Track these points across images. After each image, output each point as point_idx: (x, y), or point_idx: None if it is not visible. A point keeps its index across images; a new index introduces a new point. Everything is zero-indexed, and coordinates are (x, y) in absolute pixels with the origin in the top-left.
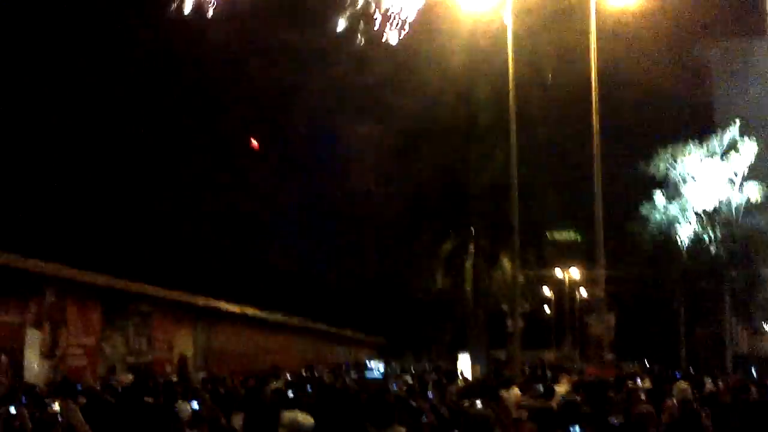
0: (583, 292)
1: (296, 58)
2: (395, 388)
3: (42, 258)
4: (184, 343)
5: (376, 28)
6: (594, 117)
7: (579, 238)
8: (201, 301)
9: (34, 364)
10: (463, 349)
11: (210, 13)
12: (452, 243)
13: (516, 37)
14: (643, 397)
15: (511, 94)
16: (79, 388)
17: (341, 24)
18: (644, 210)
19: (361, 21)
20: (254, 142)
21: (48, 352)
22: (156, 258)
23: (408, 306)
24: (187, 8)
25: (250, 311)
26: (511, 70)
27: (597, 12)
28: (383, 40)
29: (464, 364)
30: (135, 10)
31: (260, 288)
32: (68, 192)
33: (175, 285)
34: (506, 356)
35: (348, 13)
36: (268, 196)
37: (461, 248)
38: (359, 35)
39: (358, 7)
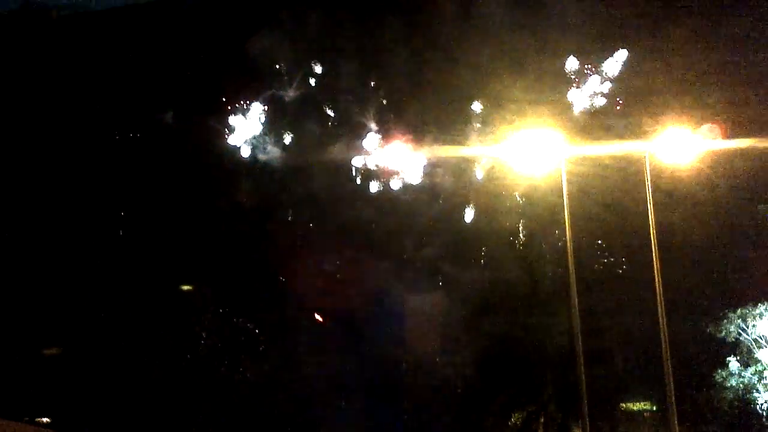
0: None
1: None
2: None
3: None
4: None
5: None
6: (656, 281)
7: (654, 407)
8: None
9: None
10: None
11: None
12: (522, 413)
13: (572, 201)
14: None
15: (570, 256)
16: None
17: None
18: (718, 377)
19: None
20: (317, 317)
21: None
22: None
23: None
24: None
25: None
26: (569, 234)
27: (652, 171)
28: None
29: None
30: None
31: None
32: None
33: None
34: None
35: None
36: (328, 369)
37: (533, 417)
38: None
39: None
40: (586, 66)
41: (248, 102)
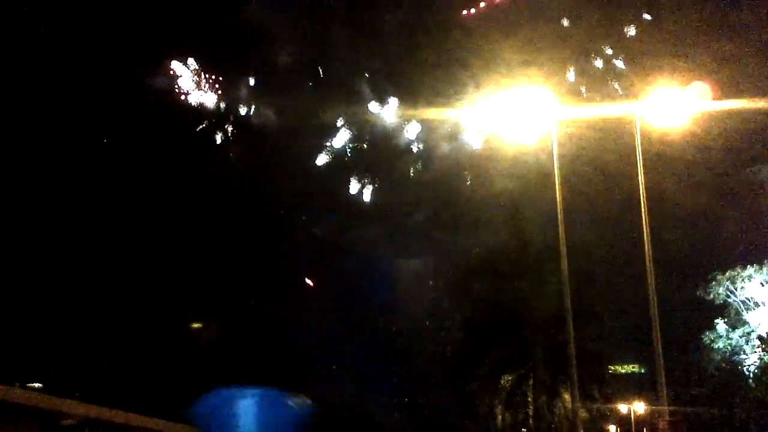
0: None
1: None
2: None
3: None
4: None
5: None
6: (646, 243)
7: (642, 369)
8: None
9: None
10: None
11: None
12: (512, 376)
13: (562, 163)
14: None
15: (560, 219)
16: None
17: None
18: (706, 339)
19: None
20: (308, 281)
21: None
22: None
23: None
24: None
25: None
26: (559, 197)
27: (642, 134)
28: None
29: None
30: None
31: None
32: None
33: None
34: None
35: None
36: (320, 332)
37: (522, 381)
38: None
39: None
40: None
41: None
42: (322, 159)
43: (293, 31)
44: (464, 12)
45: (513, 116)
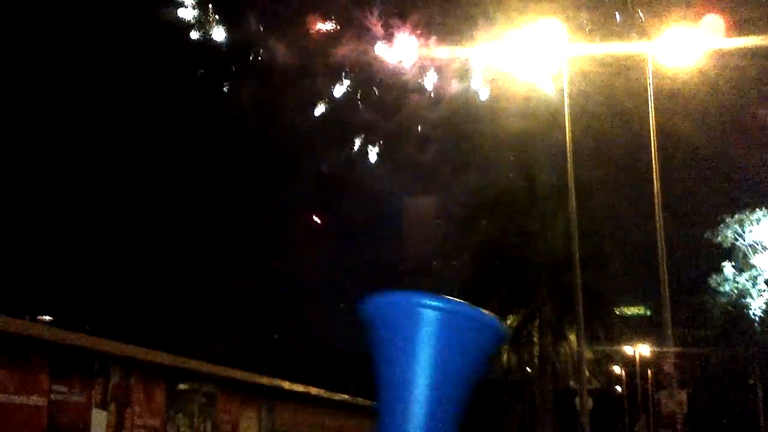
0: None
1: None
2: None
3: (106, 336)
4: (249, 424)
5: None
6: (655, 183)
7: (648, 312)
8: (266, 381)
9: None
10: (533, 429)
11: None
12: (517, 316)
13: (572, 102)
14: None
15: (569, 158)
16: None
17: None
18: (713, 282)
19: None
20: (315, 218)
21: None
22: (215, 334)
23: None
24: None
25: (314, 391)
26: (568, 136)
27: (654, 73)
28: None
29: None
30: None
31: (323, 368)
32: (126, 269)
33: (236, 364)
34: None
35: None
36: (329, 271)
37: (527, 321)
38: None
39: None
40: None
41: None
42: (319, 110)
43: None
44: None
45: (523, 54)
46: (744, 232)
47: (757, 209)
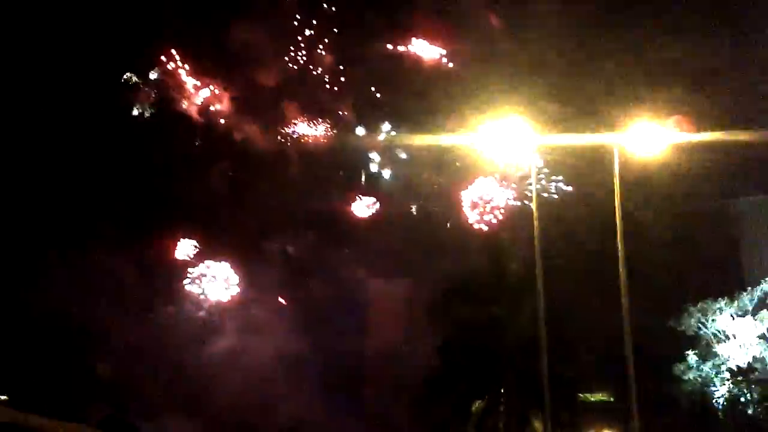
0: None
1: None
2: None
3: None
4: None
5: None
6: (621, 270)
7: (612, 399)
8: None
9: None
10: None
11: None
12: (483, 402)
13: (541, 189)
14: None
15: (537, 248)
16: None
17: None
18: (677, 370)
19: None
20: (280, 299)
21: None
22: None
23: None
24: None
25: None
26: (536, 223)
27: (621, 163)
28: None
29: None
30: None
31: None
32: None
33: None
34: None
35: None
36: (291, 354)
37: (493, 407)
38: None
39: None
40: None
41: None
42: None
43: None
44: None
45: (494, 145)
46: (707, 321)
47: (719, 299)
